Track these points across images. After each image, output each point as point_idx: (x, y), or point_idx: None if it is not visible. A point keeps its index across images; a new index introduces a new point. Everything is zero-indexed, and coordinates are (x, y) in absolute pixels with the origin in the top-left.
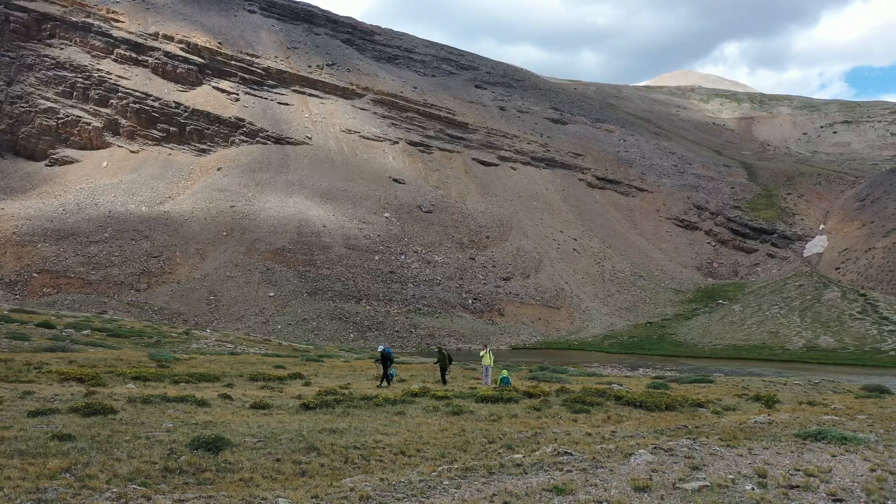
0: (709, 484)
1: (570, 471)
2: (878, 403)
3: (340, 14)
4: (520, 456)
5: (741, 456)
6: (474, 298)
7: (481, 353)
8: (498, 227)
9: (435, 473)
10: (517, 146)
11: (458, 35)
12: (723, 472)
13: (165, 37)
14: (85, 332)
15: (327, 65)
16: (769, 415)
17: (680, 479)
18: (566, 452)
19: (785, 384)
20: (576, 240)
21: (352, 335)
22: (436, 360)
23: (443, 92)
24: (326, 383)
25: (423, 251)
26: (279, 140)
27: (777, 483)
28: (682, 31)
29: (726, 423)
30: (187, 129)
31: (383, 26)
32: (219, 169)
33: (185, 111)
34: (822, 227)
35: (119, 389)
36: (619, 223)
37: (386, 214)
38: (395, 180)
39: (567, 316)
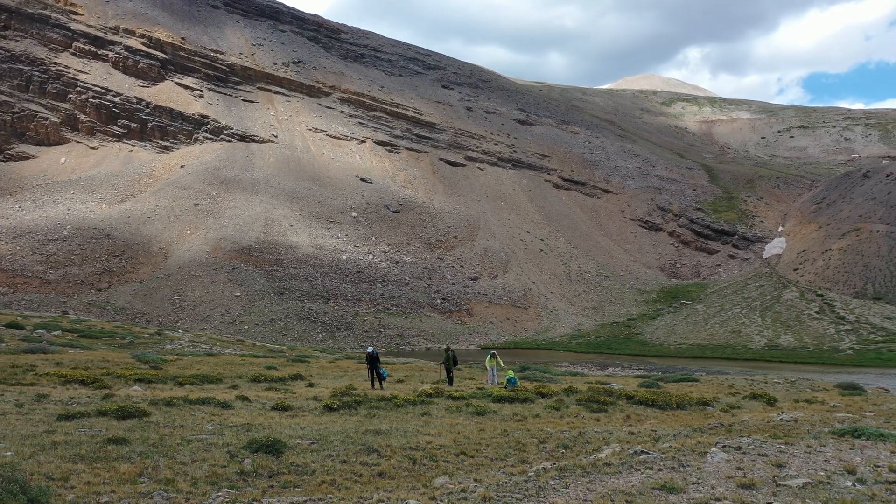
0: (811, 481)
1: (661, 469)
2: (868, 400)
3: (306, 11)
4: (604, 455)
5: (809, 453)
6: (443, 298)
7: (488, 360)
8: (466, 227)
9: (532, 473)
10: (484, 147)
11: (426, 35)
12: (809, 469)
13: (126, 31)
14: (55, 332)
15: (293, 62)
16: (782, 412)
17: (774, 477)
18: (643, 451)
19: (766, 382)
20: (542, 240)
21: (320, 335)
22: (442, 360)
23: (410, 91)
24: (330, 384)
25: (391, 251)
26: (244, 138)
27: (874, 479)
28: (648, 34)
29: (753, 420)
30: (149, 125)
31: (350, 25)
32: (182, 166)
33: (147, 107)
34: (780, 228)
35: (128, 391)
36: (584, 224)
37: (353, 214)
38: (362, 180)
39: (535, 316)
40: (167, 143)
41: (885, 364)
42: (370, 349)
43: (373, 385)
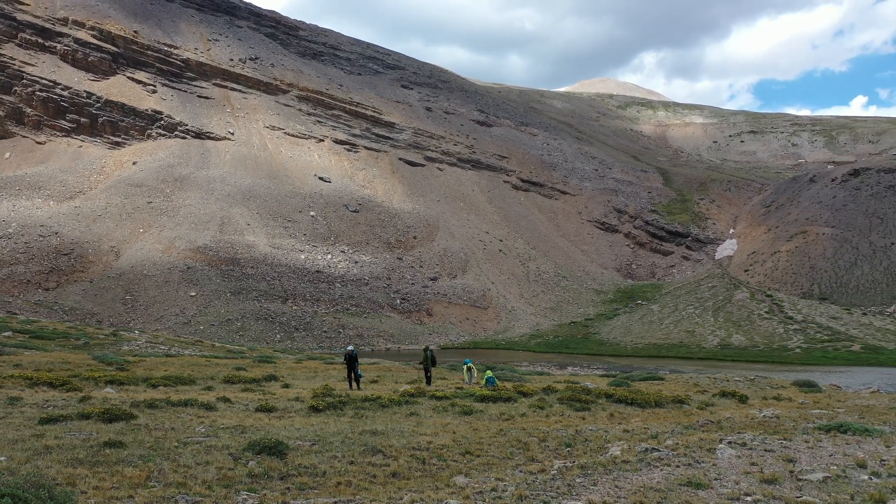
0: (829, 475)
1: (678, 466)
2: (831, 397)
3: (264, 8)
4: (618, 453)
5: (811, 449)
6: (402, 298)
7: (465, 368)
8: (425, 227)
9: (554, 471)
10: (444, 147)
11: (386, 34)
12: (819, 463)
13: (76, 23)
14: (6, 333)
15: (250, 59)
16: (761, 410)
17: (791, 472)
18: (655, 449)
19: (728, 380)
20: (501, 241)
21: (278, 336)
22: (420, 360)
23: (369, 91)
24: (306, 385)
25: (351, 250)
26: (199, 135)
27: (887, 472)
28: (605, 38)
29: (738, 417)
30: (100, 120)
31: (308, 22)
32: (134, 163)
33: (98, 102)
34: (731, 231)
35: (101, 394)
36: (542, 225)
37: (312, 213)
38: (320, 179)
39: (494, 316)
40: (119, 139)
41: (831, 363)
42: (350, 348)
43: (350, 385)
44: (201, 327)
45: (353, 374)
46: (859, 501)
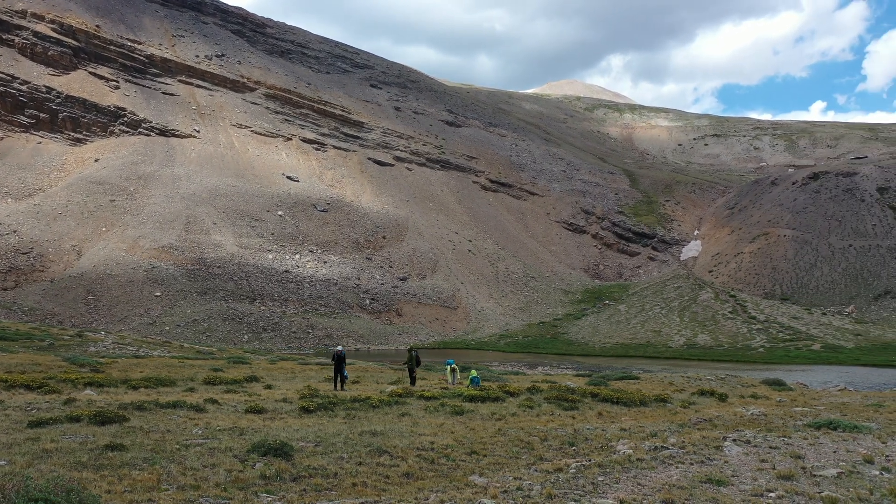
0: (842, 471)
1: (692, 463)
2: (805, 395)
3: (230, 4)
4: (630, 452)
5: (813, 445)
6: (372, 299)
7: (449, 373)
8: (394, 227)
9: (573, 470)
10: (413, 147)
11: (354, 32)
12: (826, 460)
13: (35, 15)
14: None
15: (216, 56)
16: (746, 408)
17: (803, 468)
18: (664, 447)
19: (700, 379)
20: (471, 241)
21: (246, 336)
22: (405, 360)
23: (337, 90)
24: (289, 386)
25: (319, 250)
26: (164, 132)
27: None
28: (574, 40)
29: (727, 415)
30: (60, 116)
31: (275, 19)
32: (96, 160)
33: (58, 97)
34: (696, 232)
35: (80, 396)
36: (511, 225)
37: (280, 212)
38: (288, 178)
39: (463, 316)
40: (80, 136)
41: (793, 361)
42: (339, 349)
43: (335, 386)
44: (167, 328)
45: (339, 375)
46: (879, 496)
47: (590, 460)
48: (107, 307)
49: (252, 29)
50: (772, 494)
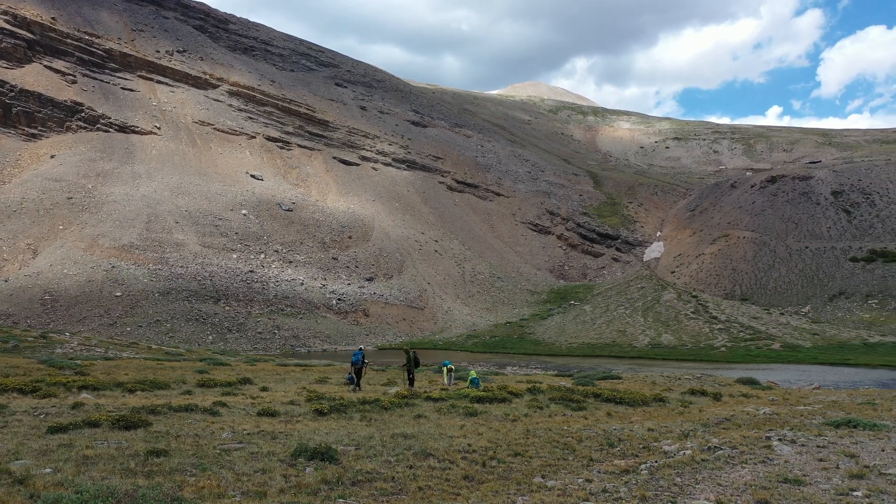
0: None
1: (755, 463)
2: (791, 393)
3: None
4: (689, 452)
5: (855, 444)
6: (339, 299)
7: (445, 370)
8: (360, 227)
9: (644, 471)
10: (378, 147)
11: (320, 30)
12: (881, 458)
13: None
14: None
15: (178, 51)
16: (756, 408)
17: (867, 467)
18: (718, 447)
19: (679, 378)
20: (437, 241)
21: (210, 337)
22: (404, 362)
23: (302, 88)
24: (288, 388)
25: (284, 250)
26: (123, 128)
27: None
28: (539, 42)
29: (742, 415)
30: (14, 110)
31: (238, 15)
32: (52, 156)
33: (12, 91)
34: (658, 233)
35: (84, 399)
36: (477, 226)
37: (244, 212)
38: (252, 176)
39: (430, 316)
40: (35, 131)
41: (754, 360)
42: (361, 349)
43: (352, 387)
44: (128, 328)
45: (358, 376)
46: None
47: (655, 462)
48: (64, 307)
49: (215, 25)
50: (857, 493)
